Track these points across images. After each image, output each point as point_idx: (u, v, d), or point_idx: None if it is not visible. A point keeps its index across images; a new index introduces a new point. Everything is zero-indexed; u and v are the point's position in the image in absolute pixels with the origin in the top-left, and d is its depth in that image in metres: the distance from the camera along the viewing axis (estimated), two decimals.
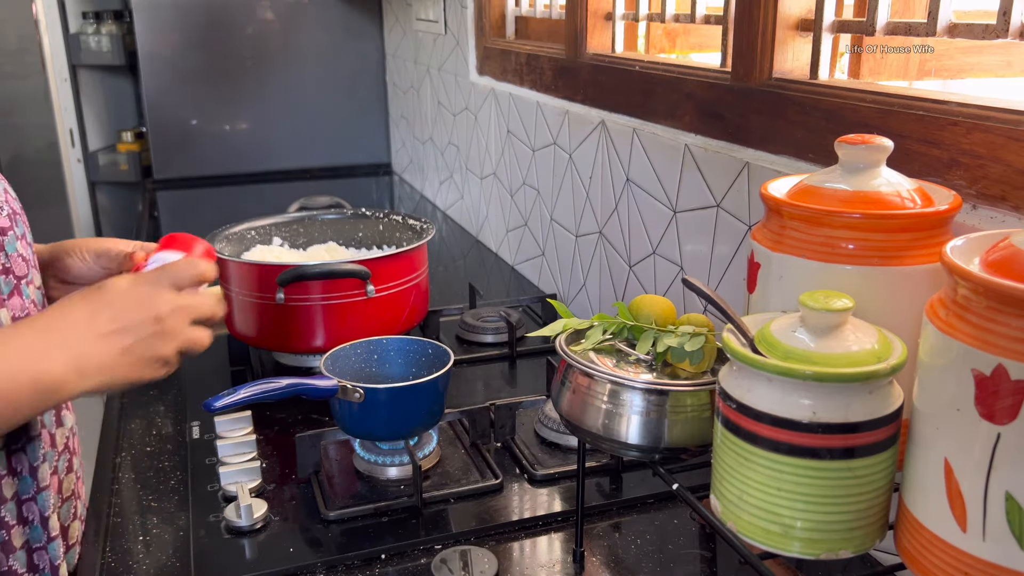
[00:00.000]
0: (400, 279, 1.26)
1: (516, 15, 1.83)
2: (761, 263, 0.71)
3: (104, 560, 0.89)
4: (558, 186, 1.57)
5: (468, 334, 1.42)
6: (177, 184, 2.68)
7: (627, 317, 0.80)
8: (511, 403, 1.09)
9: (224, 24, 2.65)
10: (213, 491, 0.99)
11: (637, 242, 1.31)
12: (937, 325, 0.53)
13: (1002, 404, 0.48)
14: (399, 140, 2.78)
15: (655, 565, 0.87)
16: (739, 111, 1.05)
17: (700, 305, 1.14)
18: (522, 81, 1.68)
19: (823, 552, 0.59)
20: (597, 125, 1.39)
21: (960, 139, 0.76)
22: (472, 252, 1.98)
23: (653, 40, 1.42)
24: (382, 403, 0.97)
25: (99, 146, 3.09)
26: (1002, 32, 0.76)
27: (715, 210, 1.10)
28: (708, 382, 0.72)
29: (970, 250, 0.55)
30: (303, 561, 0.87)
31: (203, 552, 0.89)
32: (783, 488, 0.58)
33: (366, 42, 2.79)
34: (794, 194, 0.70)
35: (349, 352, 1.07)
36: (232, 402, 0.90)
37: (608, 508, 0.96)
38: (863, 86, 0.91)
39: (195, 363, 1.36)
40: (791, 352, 0.58)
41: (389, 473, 1.01)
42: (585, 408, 0.75)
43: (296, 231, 1.47)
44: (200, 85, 2.67)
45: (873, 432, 0.57)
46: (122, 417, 1.19)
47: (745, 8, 1.02)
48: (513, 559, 0.88)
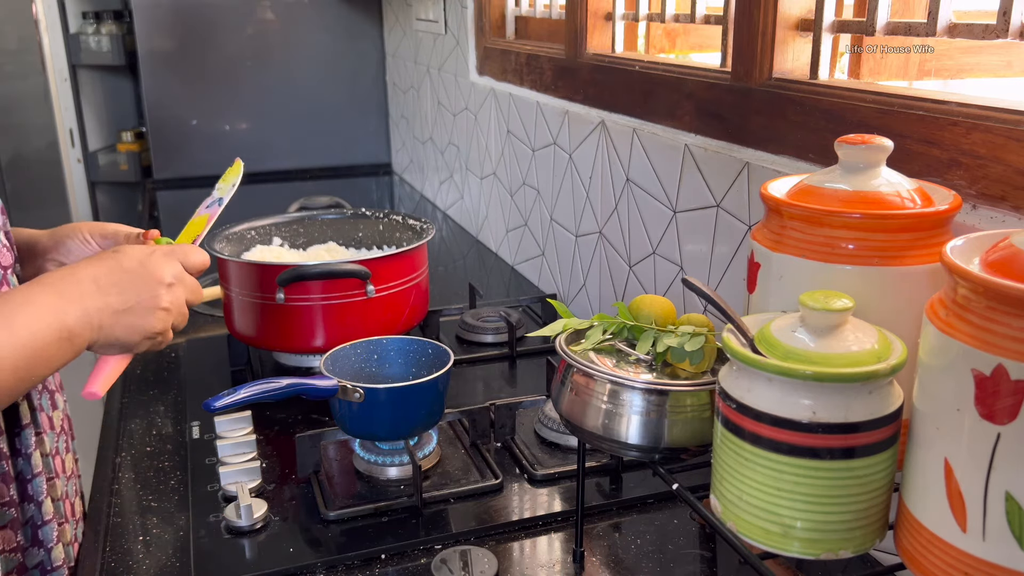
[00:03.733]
0: (400, 279, 1.26)
1: (516, 15, 1.83)
2: (761, 263, 0.71)
3: (104, 560, 0.89)
4: (558, 186, 1.57)
5: (468, 334, 1.42)
6: (177, 184, 2.69)
7: (627, 317, 0.80)
8: (511, 403, 1.09)
9: (224, 24, 2.65)
10: (213, 491, 0.99)
11: (637, 242, 1.31)
12: (937, 325, 0.53)
13: (1002, 404, 0.48)
14: (399, 140, 2.78)
15: (655, 565, 0.87)
16: (739, 111, 1.05)
17: (700, 305, 1.14)
18: (522, 81, 1.68)
19: (823, 552, 0.59)
20: (597, 125, 1.39)
21: (960, 139, 0.76)
22: (472, 252, 1.98)
23: (653, 40, 1.42)
24: (382, 403, 0.97)
25: (99, 146, 3.09)
26: (1002, 32, 0.76)
27: (715, 210, 1.10)
28: (708, 382, 0.72)
29: (970, 250, 0.55)
30: (303, 561, 0.87)
31: (203, 552, 0.89)
32: (783, 488, 0.58)
33: (366, 42, 2.79)
34: (794, 194, 0.70)
35: (349, 352, 1.07)
36: (232, 402, 0.91)
37: (608, 508, 0.96)
38: (863, 86, 0.91)
39: (195, 363, 1.37)
40: (791, 352, 0.58)
41: (389, 473, 1.01)
42: (585, 408, 0.75)
43: (296, 231, 1.47)
44: (200, 85, 2.67)
45: (873, 432, 0.57)
46: (122, 417, 1.19)
47: (745, 8, 1.02)
48: (513, 559, 0.88)
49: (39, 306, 0.75)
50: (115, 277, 0.81)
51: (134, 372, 1.33)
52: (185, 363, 1.37)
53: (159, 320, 0.83)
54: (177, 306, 0.85)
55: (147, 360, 1.38)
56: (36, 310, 0.75)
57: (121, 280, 0.81)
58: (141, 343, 0.83)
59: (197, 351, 1.42)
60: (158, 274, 0.83)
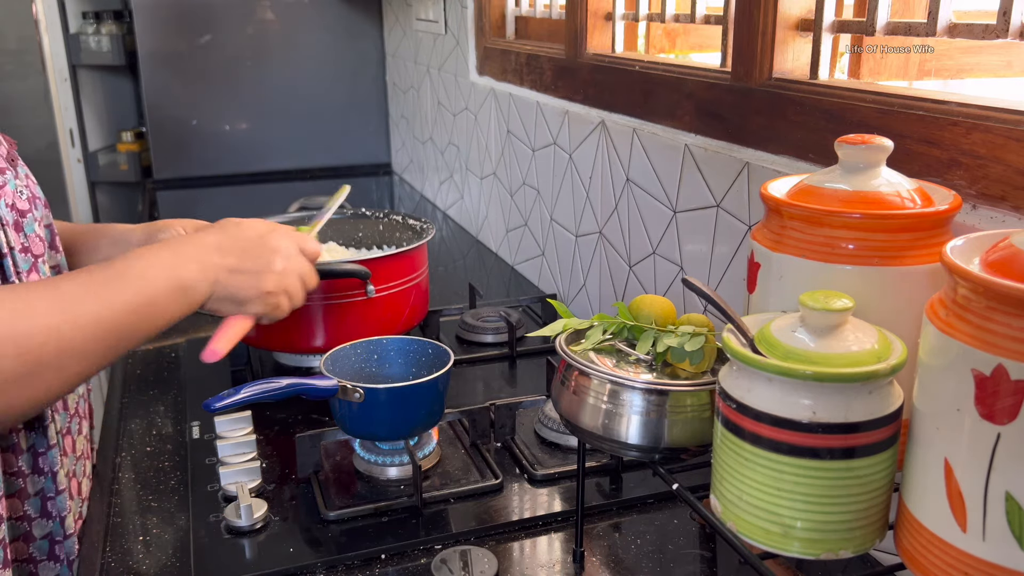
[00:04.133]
0: (400, 279, 1.26)
1: (516, 15, 1.83)
2: (761, 263, 0.71)
3: (104, 560, 0.89)
4: (558, 186, 1.57)
5: (468, 334, 1.42)
6: (177, 184, 2.68)
7: (627, 317, 0.80)
8: (511, 403, 1.09)
9: (224, 24, 2.65)
10: (213, 491, 0.99)
11: (637, 242, 1.31)
12: (937, 325, 0.53)
13: (1002, 404, 0.48)
14: (399, 140, 2.78)
15: (655, 565, 0.87)
16: (739, 111, 1.05)
17: (700, 305, 1.14)
18: (522, 81, 1.68)
19: (823, 552, 0.59)
20: (597, 125, 1.39)
21: (960, 139, 0.76)
22: (472, 252, 1.98)
23: (653, 40, 1.42)
24: (382, 403, 0.97)
25: (99, 146, 3.09)
26: (1002, 32, 0.76)
27: (715, 210, 1.10)
28: (708, 382, 0.72)
29: (970, 250, 0.55)
30: (303, 561, 0.87)
31: (203, 552, 0.89)
32: (783, 488, 0.58)
33: (366, 42, 2.79)
34: (794, 194, 0.70)
35: (349, 352, 1.07)
36: (232, 402, 0.91)
37: (608, 508, 0.96)
38: (863, 86, 0.91)
39: (195, 363, 1.37)
40: (791, 352, 0.58)
41: (389, 473, 1.01)
42: (585, 408, 0.75)
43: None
44: (200, 85, 2.67)
45: (873, 432, 0.57)
46: (122, 417, 1.19)
47: (745, 8, 1.02)
48: (513, 559, 0.88)
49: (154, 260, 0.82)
50: (236, 243, 0.90)
51: (134, 372, 1.33)
52: (185, 363, 1.37)
53: (271, 282, 0.90)
54: (290, 276, 0.93)
55: (147, 360, 1.38)
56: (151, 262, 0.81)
57: (242, 246, 0.90)
58: (255, 302, 0.90)
59: (197, 351, 1.41)
60: (274, 245, 0.92)
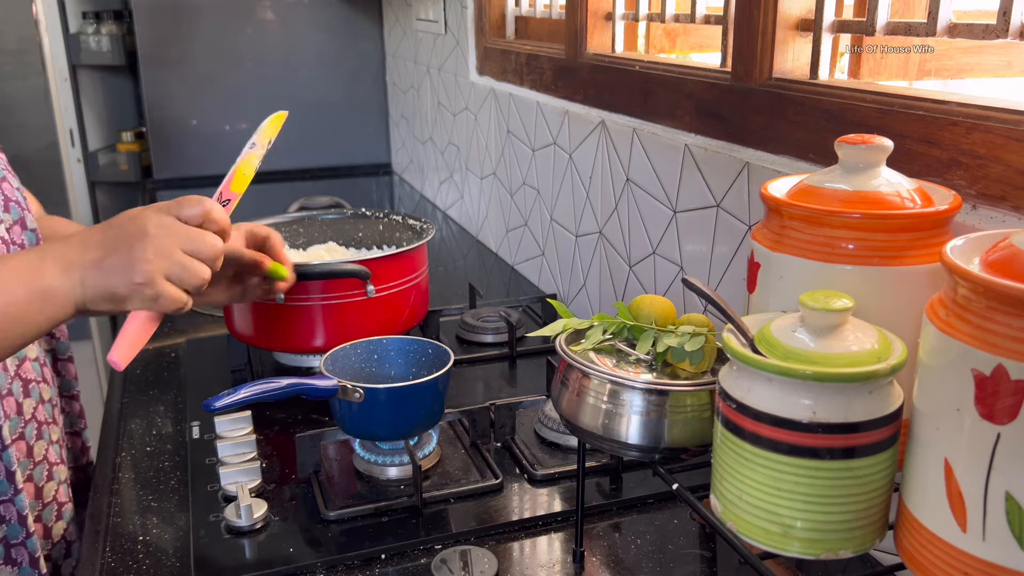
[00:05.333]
0: (400, 279, 1.26)
1: (516, 15, 1.83)
2: (761, 263, 0.71)
3: (104, 560, 0.89)
4: (558, 186, 1.57)
5: (468, 334, 1.42)
6: (177, 184, 2.68)
7: (627, 317, 0.80)
8: (511, 403, 1.09)
9: (224, 24, 2.65)
10: (213, 491, 0.99)
11: (637, 242, 1.31)
12: (937, 325, 0.53)
13: (1002, 404, 0.48)
14: (399, 140, 2.78)
15: (655, 565, 0.87)
16: (739, 111, 1.05)
17: (700, 305, 1.14)
18: (522, 81, 1.68)
19: (823, 552, 0.59)
20: (597, 125, 1.39)
21: (960, 139, 0.76)
22: (472, 252, 1.98)
23: (653, 40, 1.42)
24: (382, 403, 0.97)
25: (99, 146, 3.09)
26: (1002, 32, 0.76)
27: (715, 210, 1.10)
28: (708, 382, 0.72)
29: (970, 250, 0.55)
30: (303, 561, 0.87)
31: (203, 552, 0.89)
32: (783, 488, 0.58)
33: (366, 42, 2.79)
34: (794, 194, 0.70)
35: (349, 352, 1.07)
36: (232, 402, 0.91)
37: (608, 508, 0.96)
38: (863, 86, 0.91)
39: (195, 363, 1.37)
40: (791, 352, 0.58)
41: (389, 473, 1.01)
42: (585, 408, 0.75)
43: (296, 231, 1.47)
44: (200, 85, 2.67)
45: (873, 432, 0.57)
46: (122, 417, 1.19)
47: (745, 8, 1.02)
48: (513, 559, 0.88)
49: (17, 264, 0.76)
50: (103, 235, 0.82)
51: (134, 372, 1.33)
52: (185, 363, 1.37)
53: (141, 272, 0.80)
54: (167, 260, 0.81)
55: (147, 360, 1.38)
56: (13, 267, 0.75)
57: (105, 236, 0.82)
58: (132, 297, 0.81)
59: (197, 351, 1.42)
60: (140, 228, 0.82)
